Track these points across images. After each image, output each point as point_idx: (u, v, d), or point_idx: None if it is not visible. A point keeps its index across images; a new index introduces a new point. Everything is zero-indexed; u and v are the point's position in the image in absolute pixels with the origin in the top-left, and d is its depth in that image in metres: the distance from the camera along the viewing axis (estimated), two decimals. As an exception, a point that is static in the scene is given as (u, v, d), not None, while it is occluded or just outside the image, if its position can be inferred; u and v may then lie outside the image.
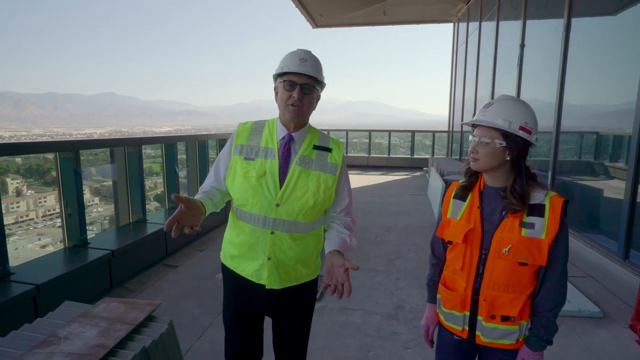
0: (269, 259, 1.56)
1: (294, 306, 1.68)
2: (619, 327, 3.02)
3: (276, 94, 1.58)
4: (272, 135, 1.59)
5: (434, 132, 14.67)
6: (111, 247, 3.56)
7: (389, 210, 7.16)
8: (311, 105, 1.58)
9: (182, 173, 5.57)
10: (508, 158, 1.32)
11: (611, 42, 4.20)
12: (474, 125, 1.39)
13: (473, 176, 1.45)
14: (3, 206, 5.63)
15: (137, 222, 4.45)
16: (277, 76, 1.56)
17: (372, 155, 14.58)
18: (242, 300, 1.66)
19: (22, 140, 3.47)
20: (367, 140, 14.94)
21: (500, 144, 1.30)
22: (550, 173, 5.09)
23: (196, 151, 5.84)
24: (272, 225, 1.54)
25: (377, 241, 5.29)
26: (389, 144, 14.76)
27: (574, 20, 4.73)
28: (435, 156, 13.46)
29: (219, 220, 5.59)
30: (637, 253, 3.37)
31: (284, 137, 1.57)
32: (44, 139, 4.09)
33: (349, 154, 14.89)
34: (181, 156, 5.65)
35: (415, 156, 14.16)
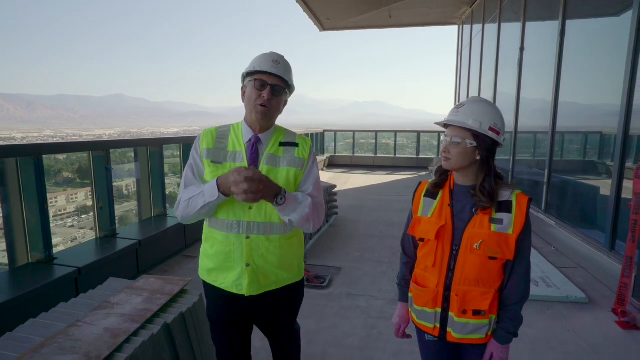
0: (248, 265, 1.53)
1: (277, 310, 1.68)
2: (602, 311, 3.28)
3: (243, 93, 1.55)
4: (239, 138, 1.57)
5: (439, 132, 14.90)
6: (138, 238, 3.92)
7: (394, 208, 7.44)
8: (279, 108, 1.56)
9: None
10: (478, 158, 1.37)
11: (602, 46, 4.45)
12: (446, 125, 1.43)
13: (443, 174, 1.50)
14: None
15: (158, 216, 4.80)
16: (247, 75, 1.53)
17: (378, 155, 14.86)
18: (225, 312, 1.66)
19: (44, 141, 3.73)
20: (374, 141, 15.23)
21: (471, 144, 1.35)
22: (546, 171, 5.35)
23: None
24: (247, 229, 1.52)
25: (382, 236, 5.58)
26: (395, 144, 15.02)
27: (570, 22, 4.97)
28: (440, 156, 13.68)
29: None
30: (623, 244, 3.62)
31: (250, 139, 1.55)
32: (55, 140, 4.44)
33: (355, 154, 15.19)
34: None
35: (421, 156, 14.42)
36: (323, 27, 13.71)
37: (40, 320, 1.84)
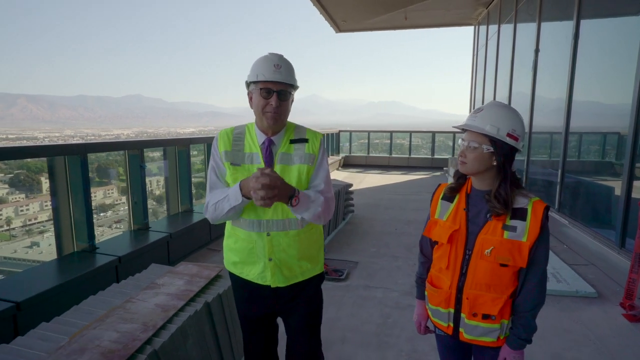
0: (270, 259, 1.60)
1: (303, 303, 1.72)
2: (611, 305, 3.41)
3: (250, 99, 1.60)
4: (254, 140, 1.62)
5: (454, 132, 14.94)
6: (169, 231, 4.21)
7: (409, 207, 7.60)
8: (287, 110, 1.60)
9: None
10: (495, 163, 1.36)
11: (618, 45, 4.53)
12: (464, 129, 1.43)
13: (461, 178, 1.50)
14: (37, 204, 6.20)
15: (185, 212, 5.10)
16: (251, 82, 1.56)
17: (393, 155, 14.99)
18: (252, 303, 1.72)
19: (75, 141, 3.96)
20: (388, 141, 15.36)
21: (488, 149, 1.35)
22: (560, 171, 5.45)
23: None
24: (267, 227, 1.59)
25: (397, 233, 5.76)
26: (410, 144, 15.12)
27: (585, 23, 5.05)
28: (455, 156, 13.76)
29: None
30: (632, 241, 3.73)
31: (264, 142, 1.60)
32: (75, 140, 4.72)
33: (370, 154, 15.34)
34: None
35: (436, 156, 14.49)
36: (339, 28, 13.91)
37: (99, 297, 2.12)
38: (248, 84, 1.59)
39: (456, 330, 1.47)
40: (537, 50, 6.62)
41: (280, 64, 1.53)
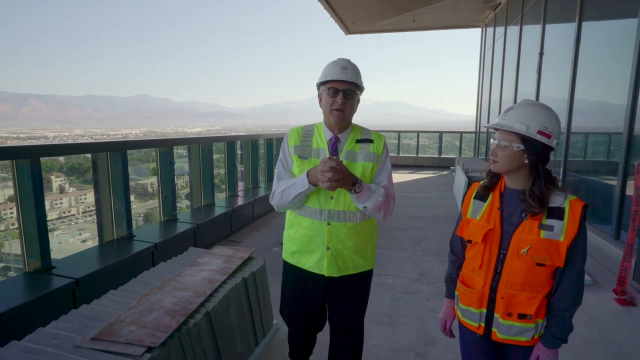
0: (328, 248, 1.70)
1: (351, 297, 1.82)
2: (605, 291, 3.69)
3: (320, 99, 1.73)
4: (322, 136, 1.75)
5: (461, 132, 15.17)
6: (196, 222, 4.56)
7: (416, 204, 7.89)
8: (353, 109, 1.71)
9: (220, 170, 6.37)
10: (526, 161, 1.34)
11: (620, 47, 4.78)
12: (495, 128, 1.42)
13: (494, 177, 1.48)
14: (48, 202, 6.51)
15: (207, 206, 5.45)
16: (321, 84, 1.71)
17: (401, 155, 15.27)
18: (306, 292, 1.82)
19: (96, 140, 4.24)
20: (396, 141, 15.63)
21: (518, 147, 1.33)
22: (561, 169, 5.72)
23: (249, 149, 6.83)
24: (328, 217, 1.69)
25: (405, 227, 6.07)
26: (417, 144, 15.37)
27: (587, 26, 5.30)
28: (462, 156, 13.99)
29: (269, 208, 6.53)
30: (626, 233, 4.00)
31: (331, 139, 1.74)
32: (85, 140, 4.97)
33: (378, 154, 15.58)
34: (218, 155, 6.20)
35: (442, 156, 14.74)
36: (348, 30, 14.22)
37: (152, 272, 2.47)
38: (318, 86, 1.74)
39: (487, 330, 1.46)
40: (541, 53, 6.88)
41: (347, 66, 1.67)
